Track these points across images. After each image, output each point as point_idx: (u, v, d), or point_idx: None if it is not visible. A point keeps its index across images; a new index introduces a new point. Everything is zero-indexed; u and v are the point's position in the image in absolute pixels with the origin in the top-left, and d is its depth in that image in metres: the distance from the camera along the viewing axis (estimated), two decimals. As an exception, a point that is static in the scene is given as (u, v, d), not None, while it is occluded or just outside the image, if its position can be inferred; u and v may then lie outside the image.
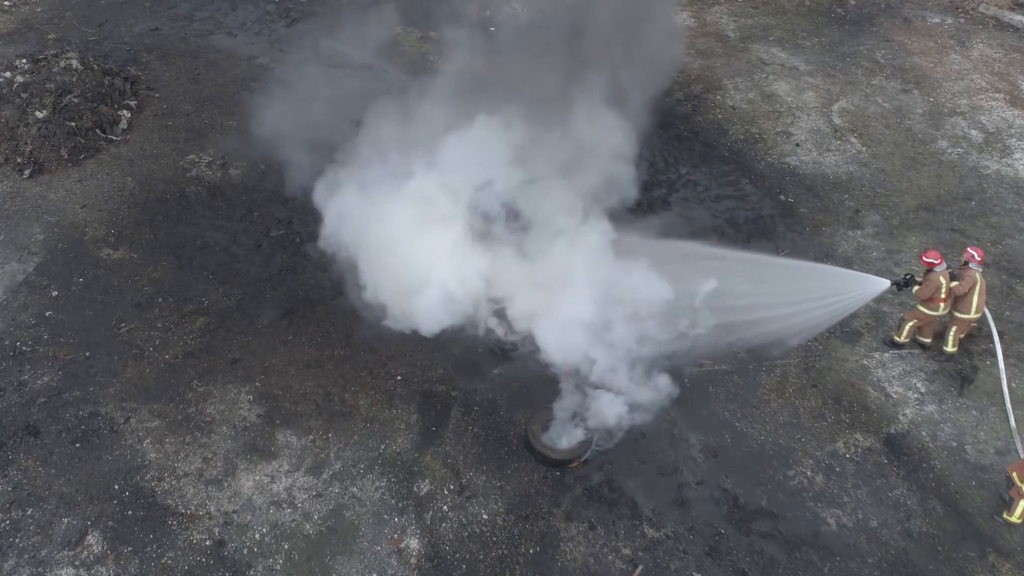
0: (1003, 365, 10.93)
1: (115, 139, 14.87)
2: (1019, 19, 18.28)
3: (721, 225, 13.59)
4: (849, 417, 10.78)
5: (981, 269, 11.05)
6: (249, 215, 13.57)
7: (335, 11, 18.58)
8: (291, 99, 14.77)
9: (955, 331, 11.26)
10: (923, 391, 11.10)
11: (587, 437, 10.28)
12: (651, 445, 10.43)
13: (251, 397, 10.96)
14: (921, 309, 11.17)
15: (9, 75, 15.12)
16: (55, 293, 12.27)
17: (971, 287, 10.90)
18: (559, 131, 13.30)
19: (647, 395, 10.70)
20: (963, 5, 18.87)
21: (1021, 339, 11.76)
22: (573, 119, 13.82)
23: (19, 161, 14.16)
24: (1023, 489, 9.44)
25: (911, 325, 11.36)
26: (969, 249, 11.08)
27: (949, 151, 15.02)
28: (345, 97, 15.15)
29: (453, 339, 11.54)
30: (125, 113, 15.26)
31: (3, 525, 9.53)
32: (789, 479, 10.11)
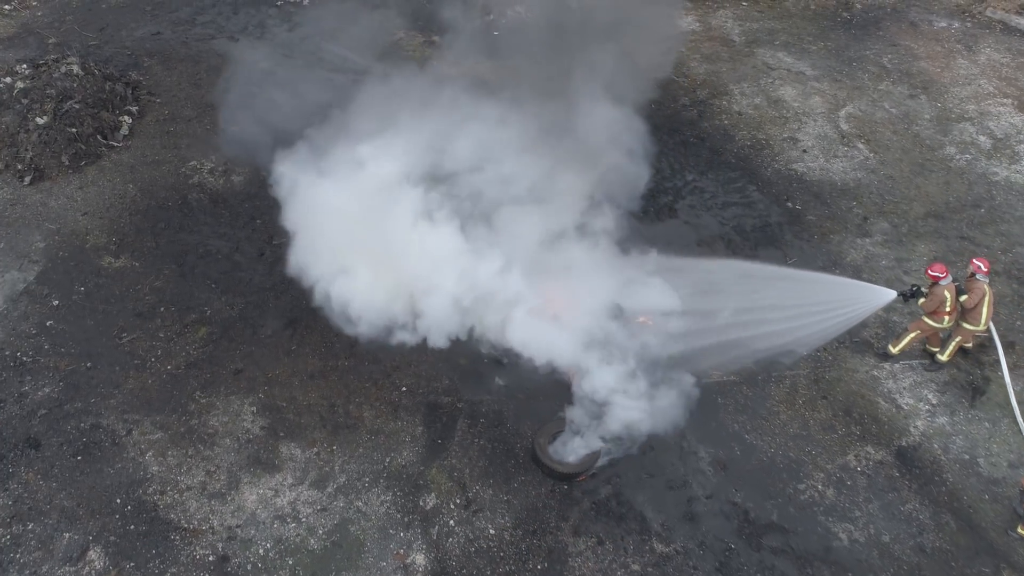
0: (1008, 376, 10.84)
1: (116, 145, 14.75)
2: (1026, 23, 18.17)
3: (728, 233, 13.46)
4: (860, 429, 10.65)
5: (988, 280, 10.92)
6: (252, 223, 13.45)
7: (338, 15, 18.46)
8: (292, 103, 14.65)
9: (957, 342, 11.15)
10: (934, 403, 10.97)
11: (595, 449, 10.14)
12: (659, 458, 10.30)
13: (254, 409, 10.83)
14: (926, 321, 11.05)
15: (9, 80, 15.00)
16: (56, 302, 12.15)
17: (980, 299, 10.78)
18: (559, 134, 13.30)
19: (655, 407, 10.58)
20: (970, 9, 18.73)
21: (1033, 349, 11.65)
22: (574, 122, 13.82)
23: (19, 168, 14.03)
24: None
25: (912, 336, 11.23)
26: (975, 260, 10.95)
27: (958, 157, 14.89)
28: (342, 101, 15.03)
29: (459, 349, 11.41)
30: (126, 119, 15.14)
31: (4, 540, 9.40)
32: (800, 493, 9.98)
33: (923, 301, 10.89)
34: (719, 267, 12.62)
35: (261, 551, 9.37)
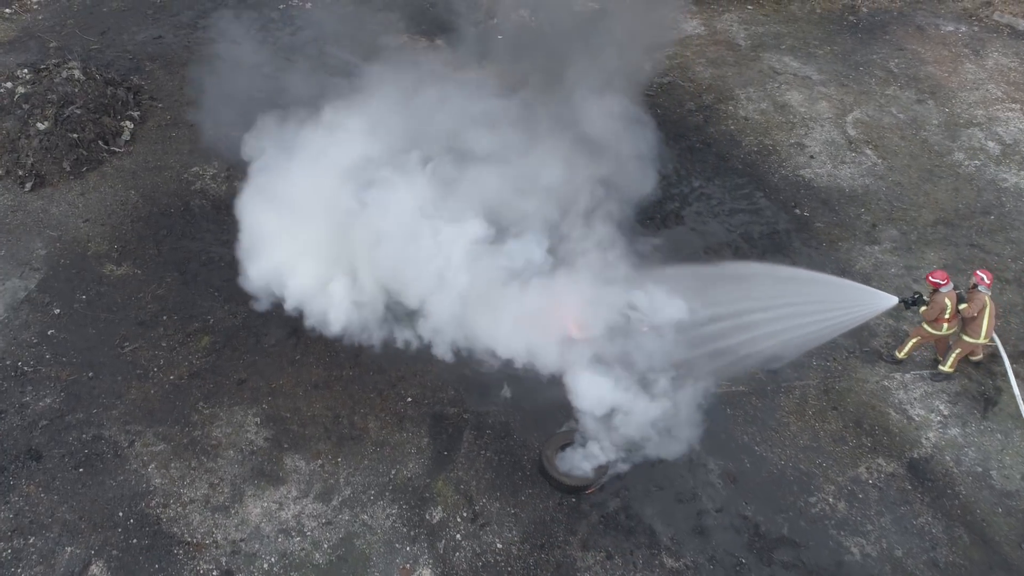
0: (1016, 387, 10.73)
1: (118, 151, 14.63)
2: (1034, 27, 18.04)
3: (736, 240, 13.33)
4: (871, 441, 10.53)
5: (990, 292, 10.80)
6: (255, 229, 13.30)
7: (341, 18, 18.36)
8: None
9: (958, 353, 11.03)
10: (946, 413, 10.85)
11: (603, 462, 10.01)
12: (668, 470, 10.17)
13: (258, 420, 10.71)
14: (925, 328, 10.96)
15: (10, 85, 14.88)
16: (57, 311, 12.02)
17: (980, 310, 10.67)
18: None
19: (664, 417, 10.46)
20: (977, 13, 18.61)
21: (1045, 359, 11.52)
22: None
23: (20, 174, 13.92)
24: None
25: (914, 343, 11.15)
26: (979, 272, 10.84)
27: (966, 163, 14.76)
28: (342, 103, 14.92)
29: (465, 359, 11.29)
30: (128, 124, 15.03)
31: (5, 554, 9.28)
32: (811, 506, 9.86)
33: (924, 309, 10.81)
34: (722, 266, 12.51)
35: (265, 566, 9.25)
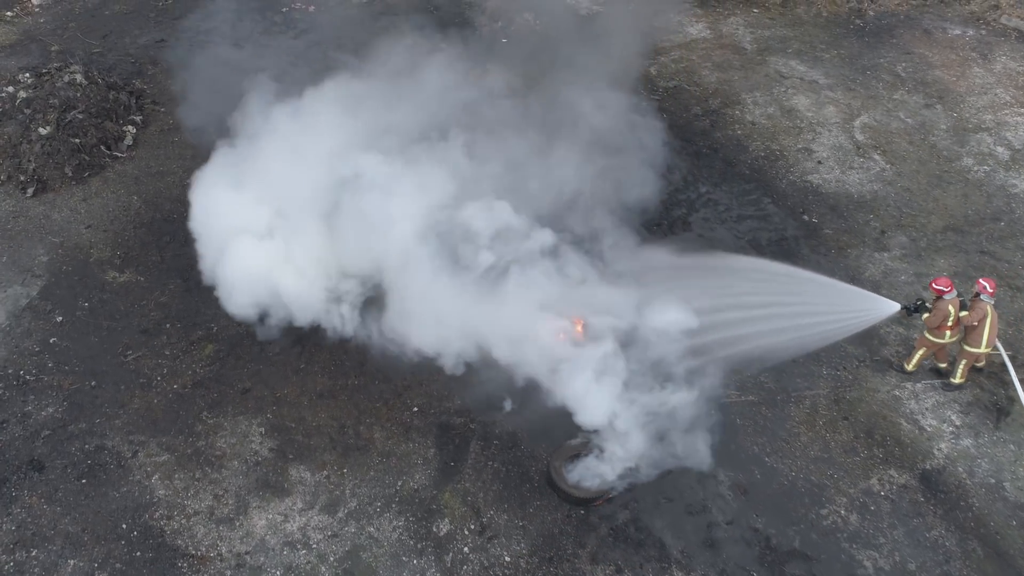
0: (1023, 394, 10.63)
1: (120, 156, 14.53)
2: (1042, 31, 17.93)
3: (744, 247, 13.20)
4: (882, 452, 10.41)
5: (993, 301, 10.68)
6: (259, 236, 13.18)
7: (344, 21, 18.25)
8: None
9: (964, 363, 10.92)
10: (958, 424, 10.73)
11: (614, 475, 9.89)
12: (678, 481, 10.05)
13: (263, 430, 10.60)
14: (928, 337, 10.84)
15: (12, 90, 14.78)
16: (59, 318, 11.91)
17: (981, 319, 10.55)
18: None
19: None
20: (984, 16, 18.48)
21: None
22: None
23: (22, 179, 13.83)
24: None
25: (921, 353, 11.03)
26: (981, 280, 10.74)
27: (975, 169, 14.65)
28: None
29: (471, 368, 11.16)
30: (130, 129, 14.92)
31: (7, 567, 9.17)
32: (822, 518, 9.74)
33: (927, 316, 10.69)
34: (725, 263, 12.36)
35: (271, 579, 9.14)
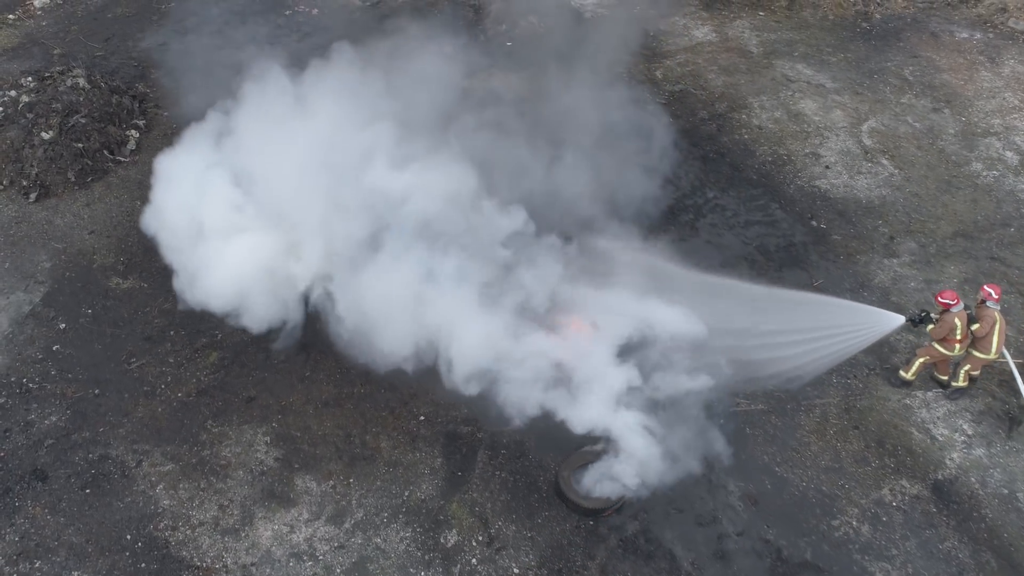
0: None
1: (124, 161, 14.41)
2: (1050, 34, 17.80)
3: (752, 253, 13.11)
4: (894, 461, 10.30)
5: (999, 307, 10.57)
6: (263, 241, 13.09)
7: (347, 24, 18.14)
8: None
9: (968, 368, 10.79)
10: (970, 433, 10.62)
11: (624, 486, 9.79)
12: (688, 492, 9.94)
13: (268, 439, 10.50)
14: (936, 347, 10.70)
15: (14, 94, 14.67)
16: (63, 326, 11.81)
17: (991, 326, 10.44)
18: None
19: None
20: (992, 20, 18.37)
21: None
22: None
23: (25, 184, 13.72)
24: None
25: (922, 362, 10.88)
26: (986, 287, 10.59)
27: (984, 174, 14.54)
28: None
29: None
30: (134, 133, 14.81)
31: (10, 579, 9.09)
32: (834, 529, 9.64)
33: (932, 328, 10.56)
34: (721, 287, 12.17)
35: (277, 591, 9.05)
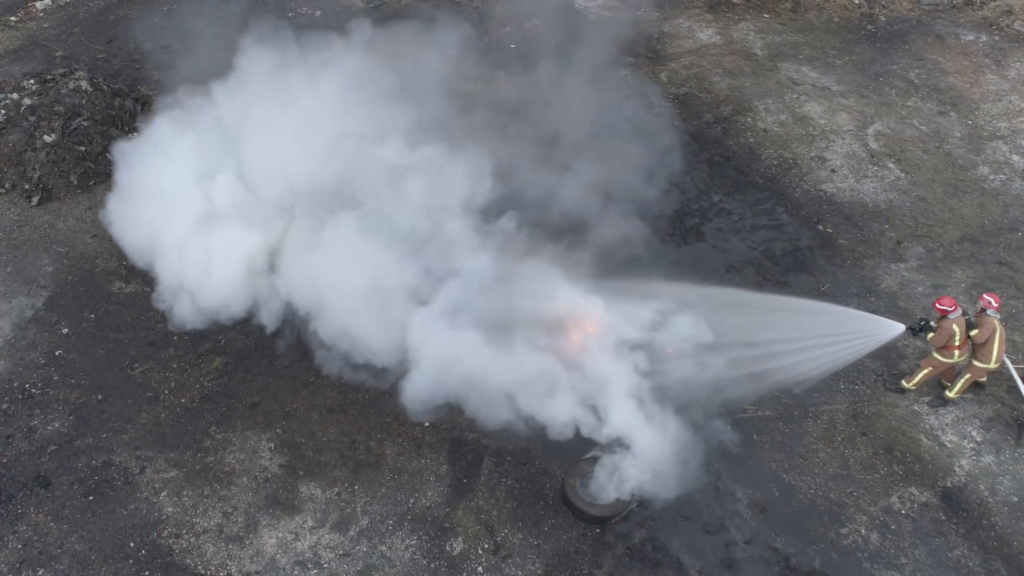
0: None
1: (126, 164, 14.33)
2: (1056, 37, 17.73)
3: (758, 257, 13.03)
4: (902, 469, 10.23)
5: (999, 316, 10.49)
6: (266, 246, 13.02)
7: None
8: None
9: (967, 379, 10.69)
10: (979, 440, 10.55)
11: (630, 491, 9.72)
12: (695, 499, 9.86)
13: (272, 445, 10.43)
14: (936, 356, 10.63)
15: (16, 97, 14.60)
16: (65, 330, 11.75)
17: (991, 335, 10.36)
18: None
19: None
20: (997, 22, 18.29)
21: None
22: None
23: (27, 188, 13.66)
24: None
25: (925, 373, 10.80)
26: (985, 295, 10.53)
27: (991, 178, 14.46)
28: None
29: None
30: (136, 136, 14.71)
31: (13, 587, 9.02)
32: (843, 537, 9.56)
33: (932, 336, 10.49)
34: (719, 296, 12.08)
35: (282, 600, 8.98)
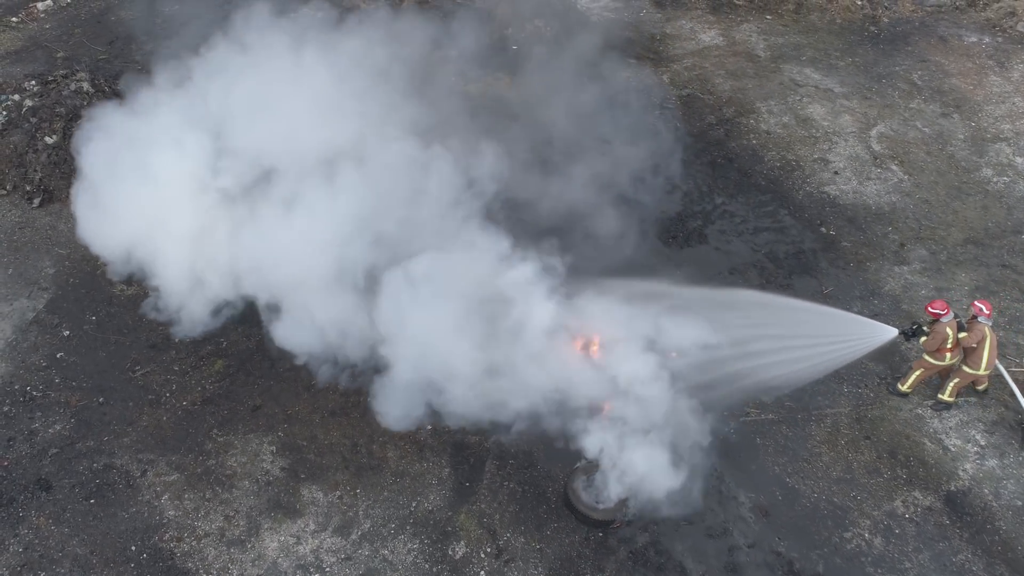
0: None
1: (127, 165, 14.30)
2: (1059, 38, 17.69)
3: (761, 260, 13.00)
4: (906, 472, 10.20)
5: (991, 323, 10.45)
6: (268, 248, 12.99)
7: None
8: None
9: (956, 383, 10.66)
10: (983, 444, 10.51)
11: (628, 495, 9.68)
12: (697, 503, 9.83)
13: (274, 448, 10.40)
14: (927, 359, 10.60)
15: (18, 98, 14.55)
16: (67, 333, 11.72)
17: (980, 341, 10.33)
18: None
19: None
20: (1001, 23, 18.26)
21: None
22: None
23: (28, 189, 13.62)
24: None
25: (918, 375, 10.79)
26: (977, 303, 10.49)
27: (995, 180, 14.43)
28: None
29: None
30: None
31: (14, 591, 8.99)
32: (846, 542, 9.53)
33: (925, 339, 10.48)
34: (713, 295, 12.06)
35: (283, 604, 8.95)
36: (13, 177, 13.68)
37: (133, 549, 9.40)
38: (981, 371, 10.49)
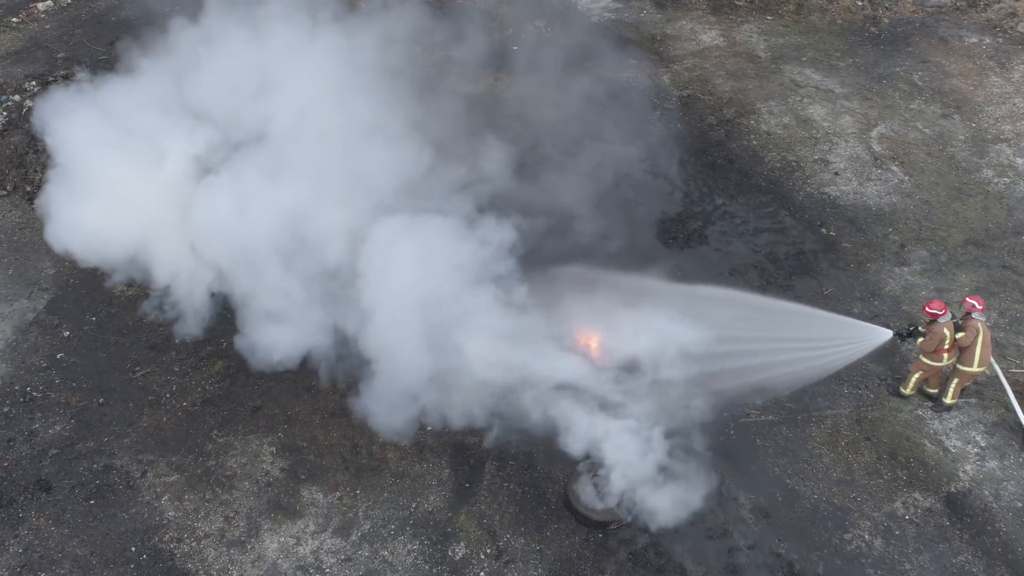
0: (1020, 413, 10.45)
1: (128, 166, 14.30)
2: (1060, 39, 17.67)
3: (761, 261, 12.99)
4: (906, 474, 10.19)
5: (984, 319, 10.44)
6: (268, 248, 12.99)
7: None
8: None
9: (957, 383, 10.64)
10: (983, 445, 10.50)
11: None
12: (697, 504, 9.82)
13: (274, 449, 10.40)
14: (924, 360, 10.58)
15: (18, 98, 14.60)
16: (67, 333, 11.73)
17: (975, 338, 10.31)
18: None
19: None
20: (1001, 24, 18.24)
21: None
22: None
23: (28, 190, 13.64)
24: None
25: (918, 377, 10.77)
26: (969, 299, 10.46)
27: (995, 181, 14.41)
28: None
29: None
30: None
31: (14, 592, 9.00)
32: (846, 543, 9.52)
33: (922, 340, 10.45)
34: (710, 295, 12.05)
35: (283, 605, 8.95)
36: (13, 177, 13.72)
37: (133, 550, 9.40)
38: (975, 368, 10.45)
